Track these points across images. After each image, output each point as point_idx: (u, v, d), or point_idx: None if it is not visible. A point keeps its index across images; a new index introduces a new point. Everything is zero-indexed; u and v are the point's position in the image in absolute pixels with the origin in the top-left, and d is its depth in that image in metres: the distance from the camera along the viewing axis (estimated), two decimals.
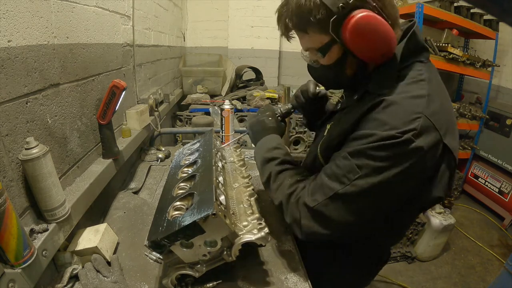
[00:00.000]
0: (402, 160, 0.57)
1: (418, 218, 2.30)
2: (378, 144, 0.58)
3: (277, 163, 0.81)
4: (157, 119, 1.70)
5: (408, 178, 0.60)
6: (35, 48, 0.71)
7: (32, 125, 0.70)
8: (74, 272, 0.74)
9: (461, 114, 3.04)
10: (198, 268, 0.69)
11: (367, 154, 0.59)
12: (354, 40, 0.61)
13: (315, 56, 0.72)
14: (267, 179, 0.81)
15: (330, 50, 0.66)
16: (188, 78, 2.85)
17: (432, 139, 0.58)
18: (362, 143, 0.61)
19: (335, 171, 0.65)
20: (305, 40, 0.70)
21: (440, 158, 0.61)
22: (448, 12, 2.79)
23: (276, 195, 0.76)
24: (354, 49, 0.63)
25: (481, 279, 2.27)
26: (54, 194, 0.67)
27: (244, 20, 3.24)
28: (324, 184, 0.66)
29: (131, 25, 1.45)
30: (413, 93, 0.61)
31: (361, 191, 0.60)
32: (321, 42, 0.66)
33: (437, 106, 0.60)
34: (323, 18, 0.61)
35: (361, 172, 0.60)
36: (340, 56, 0.67)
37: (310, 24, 0.64)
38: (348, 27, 0.59)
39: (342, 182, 0.63)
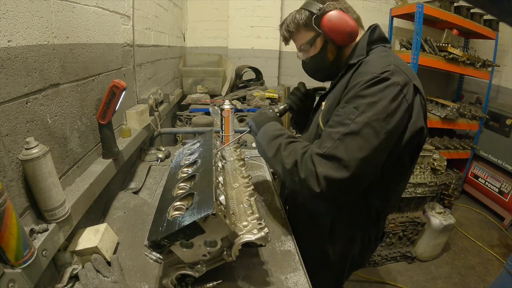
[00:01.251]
0: (387, 92, 0.73)
1: (418, 218, 2.30)
2: (365, 85, 0.74)
3: (286, 137, 0.90)
4: (157, 119, 1.70)
5: (395, 106, 0.73)
6: (35, 48, 0.71)
7: (32, 125, 0.70)
8: (74, 272, 0.74)
9: (461, 114, 3.04)
10: (198, 268, 0.69)
11: (359, 96, 0.75)
12: (329, 28, 0.87)
13: (306, 52, 0.98)
14: (276, 150, 0.87)
15: (315, 41, 0.94)
16: (188, 78, 2.85)
17: (403, 78, 0.75)
18: (353, 91, 0.77)
19: (336, 119, 0.78)
20: (298, 38, 0.98)
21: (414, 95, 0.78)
22: (448, 12, 2.79)
23: (288, 160, 0.81)
24: (330, 34, 0.88)
25: (481, 279, 2.28)
26: (54, 194, 0.67)
27: (244, 20, 3.24)
28: (330, 133, 0.76)
29: (131, 25, 1.45)
30: (383, 55, 0.84)
31: (363, 125, 0.72)
32: (309, 36, 0.95)
33: (401, 62, 0.81)
34: (309, 19, 0.92)
35: (358, 110, 0.73)
36: (322, 45, 0.94)
37: (301, 25, 0.95)
38: (325, 20, 0.87)
39: (345, 124, 0.74)
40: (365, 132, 0.71)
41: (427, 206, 2.39)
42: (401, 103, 0.73)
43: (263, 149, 0.93)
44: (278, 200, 1.17)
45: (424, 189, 2.28)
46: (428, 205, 2.39)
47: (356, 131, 0.72)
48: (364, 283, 2.18)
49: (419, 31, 2.65)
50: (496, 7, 0.31)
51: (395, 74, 0.74)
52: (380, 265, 2.34)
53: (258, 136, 0.99)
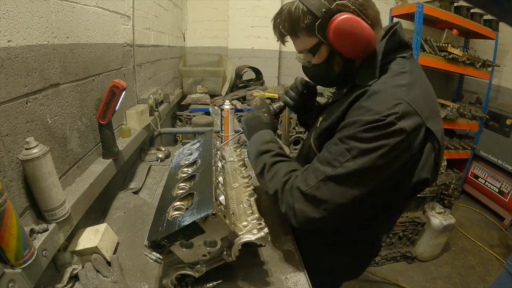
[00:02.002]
0: (387, 141, 0.62)
1: (418, 219, 2.30)
2: (364, 127, 0.63)
3: (272, 155, 0.83)
4: (157, 119, 1.70)
5: (394, 158, 0.64)
6: (35, 48, 0.71)
7: (32, 125, 0.70)
8: (74, 272, 0.74)
9: (461, 114, 3.03)
10: (198, 268, 0.69)
11: (354, 138, 0.65)
12: (337, 40, 0.69)
13: (307, 57, 0.81)
14: (261, 170, 0.82)
15: (319, 50, 0.76)
16: (188, 78, 2.85)
17: (413, 122, 0.63)
18: (350, 129, 0.66)
19: (326, 156, 0.70)
20: (297, 43, 0.80)
21: (424, 141, 0.67)
22: (448, 12, 2.79)
23: (271, 184, 0.78)
24: (338, 47, 0.72)
25: (481, 279, 2.27)
26: (54, 194, 0.67)
27: (244, 20, 3.24)
28: (316, 169, 0.70)
29: (131, 25, 1.45)
30: (395, 83, 0.68)
31: (350, 172, 0.65)
32: (310, 44, 0.75)
33: (418, 93, 0.67)
34: (310, 23, 0.71)
35: (350, 154, 0.65)
36: (327, 55, 0.76)
37: (300, 29, 0.74)
38: (331, 29, 0.68)
39: (333, 165, 0.67)
40: (352, 179, 0.65)
41: (427, 206, 2.39)
42: (403, 152, 0.64)
43: (251, 162, 0.89)
44: None
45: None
46: (428, 205, 2.39)
47: (342, 176, 0.66)
48: (365, 282, 2.18)
49: (419, 31, 2.64)
50: (496, 7, 0.31)
51: (405, 117, 0.62)
52: (380, 265, 2.34)
53: (249, 144, 0.93)
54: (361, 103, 0.68)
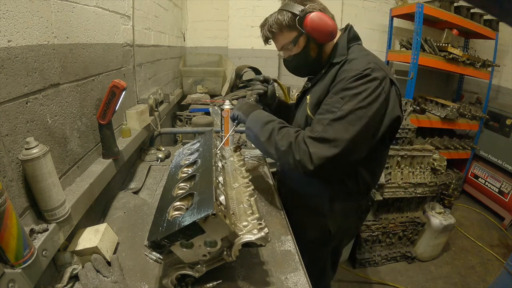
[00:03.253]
0: (368, 85, 0.84)
1: (418, 219, 2.30)
2: (350, 79, 0.86)
3: (278, 122, 0.98)
4: (157, 119, 1.70)
5: (376, 98, 0.84)
6: (35, 48, 0.71)
7: (32, 125, 0.70)
8: (74, 272, 0.74)
9: (461, 114, 3.04)
10: (198, 268, 0.69)
11: (344, 88, 0.86)
12: (312, 27, 0.94)
13: (288, 51, 1.04)
14: (269, 135, 0.95)
15: (298, 40, 1.00)
16: (188, 78, 2.85)
17: (381, 74, 0.87)
18: (339, 85, 0.88)
19: (325, 108, 0.89)
20: (280, 39, 1.03)
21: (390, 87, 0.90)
22: (448, 12, 2.79)
23: (282, 142, 0.91)
24: (313, 33, 0.95)
25: (481, 279, 2.28)
26: (54, 194, 0.67)
27: (244, 20, 3.24)
28: (319, 119, 0.88)
29: (131, 25, 1.45)
30: (362, 54, 0.96)
31: (348, 112, 0.83)
32: (291, 37, 1.00)
33: (378, 60, 0.93)
34: (291, 20, 0.97)
35: (343, 100, 0.85)
36: (305, 44, 1.00)
37: (284, 26, 0.99)
38: (308, 21, 0.93)
39: (333, 111, 0.86)
40: (350, 117, 0.83)
41: (427, 206, 2.39)
42: (380, 94, 0.85)
43: (255, 134, 1.00)
44: (278, 200, 1.17)
45: (424, 189, 2.28)
46: (428, 205, 2.39)
47: (342, 116, 0.84)
48: (364, 284, 2.18)
49: (419, 31, 2.65)
50: (496, 7, 0.31)
51: (375, 71, 0.86)
52: (380, 265, 2.34)
53: (248, 123, 1.04)
54: (344, 68, 0.93)
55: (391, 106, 0.90)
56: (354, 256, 2.29)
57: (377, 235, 2.27)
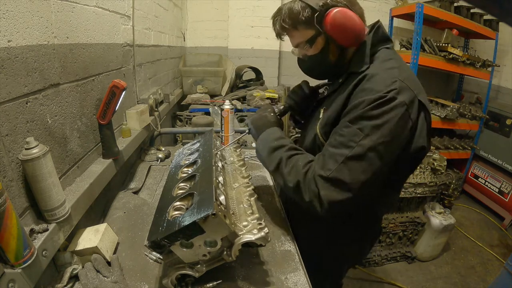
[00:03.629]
0: (393, 113, 0.70)
1: (418, 219, 2.30)
2: (371, 106, 0.70)
3: (286, 150, 0.86)
4: (157, 119, 1.70)
5: (401, 129, 0.72)
6: (35, 48, 0.71)
7: (32, 125, 0.70)
8: (74, 272, 0.74)
9: (461, 114, 3.03)
10: (198, 268, 0.69)
11: (364, 117, 0.71)
12: (333, 28, 0.77)
13: (303, 50, 0.88)
14: (277, 165, 0.84)
15: (316, 40, 0.83)
16: (188, 78, 2.84)
17: (409, 96, 0.72)
18: (357, 110, 0.73)
19: (340, 140, 0.74)
20: (295, 37, 0.87)
21: (418, 112, 0.75)
22: (448, 12, 2.79)
23: (290, 178, 0.80)
24: (334, 35, 0.79)
25: (481, 279, 2.27)
26: (54, 194, 0.67)
27: (244, 20, 3.24)
28: (333, 154, 0.74)
29: (131, 25, 1.45)
30: (387, 66, 0.78)
31: (368, 149, 0.70)
32: (308, 35, 0.83)
33: (406, 74, 0.76)
34: (308, 16, 0.79)
35: (363, 133, 0.71)
36: (324, 45, 0.84)
37: (300, 22, 0.81)
38: (328, 19, 0.76)
39: (349, 146, 0.72)
40: (370, 156, 0.71)
41: (427, 206, 2.39)
42: (406, 124, 0.72)
43: (263, 159, 0.91)
44: (278, 200, 1.17)
45: (424, 189, 2.28)
46: (428, 205, 2.39)
47: (360, 154, 0.71)
48: (365, 282, 2.18)
49: (419, 31, 2.65)
50: (496, 7, 0.31)
51: (402, 92, 0.71)
52: (380, 265, 2.34)
53: (257, 144, 0.95)
54: (363, 86, 0.76)
55: (417, 136, 0.76)
56: None
57: None
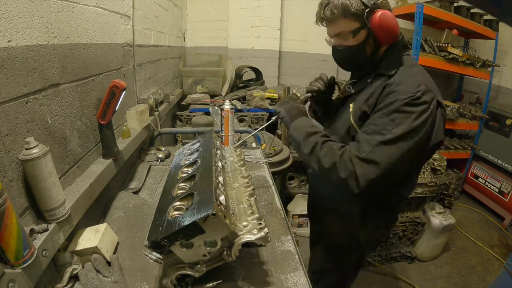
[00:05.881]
0: (419, 108, 0.84)
1: (418, 219, 2.30)
2: (403, 102, 0.85)
3: (321, 135, 0.97)
4: (157, 119, 1.70)
5: (424, 121, 0.85)
6: (35, 48, 0.71)
7: (32, 125, 0.70)
8: (74, 272, 0.74)
9: (461, 114, 3.03)
10: (198, 268, 0.69)
11: (396, 110, 0.86)
12: (379, 25, 0.90)
13: (343, 39, 0.98)
14: (312, 148, 0.94)
15: (360, 32, 0.94)
16: (188, 78, 2.85)
17: (431, 96, 0.87)
18: (391, 106, 0.87)
19: (374, 128, 0.88)
20: (340, 25, 0.95)
21: (437, 109, 0.89)
22: (448, 12, 2.78)
23: (326, 159, 0.90)
24: (377, 31, 0.91)
25: (481, 279, 2.27)
26: (54, 194, 0.67)
27: (244, 20, 3.24)
28: (367, 139, 0.88)
29: (131, 25, 1.45)
30: (412, 72, 0.93)
31: (398, 136, 0.84)
32: (354, 27, 0.94)
33: (426, 78, 0.92)
34: (360, 9, 0.90)
35: (395, 123, 0.85)
36: (365, 38, 0.95)
37: (350, 13, 0.91)
38: (377, 16, 0.89)
39: (383, 133, 0.86)
40: (399, 142, 0.84)
41: (427, 206, 2.39)
42: (428, 118, 0.86)
43: (298, 144, 1.00)
44: (278, 200, 1.17)
45: (424, 189, 2.28)
46: (428, 205, 2.39)
47: (392, 140, 0.84)
48: (367, 276, 2.18)
49: (419, 31, 2.64)
50: (496, 7, 0.31)
51: (426, 93, 0.86)
52: (380, 265, 2.34)
53: (291, 130, 1.04)
54: (393, 88, 0.89)
55: (435, 131, 0.89)
56: None
57: None
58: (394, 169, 0.86)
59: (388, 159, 0.84)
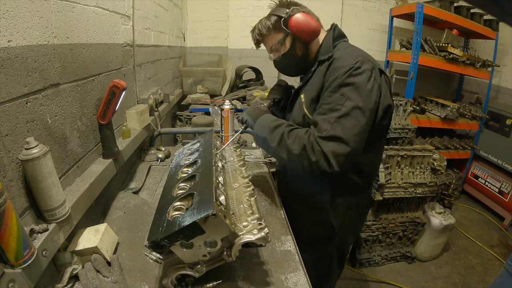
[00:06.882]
0: (362, 78, 0.89)
1: (418, 219, 2.30)
2: (345, 75, 0.90)
3: (286, 126, 0.99)
4: (157, 119, 1.70)
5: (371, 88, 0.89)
6: (35, 48, 0.71)
7: (32, 125, 0.70)
8: (74, 272, 0.74)
9: (461, 114, 3.03)
10: (198, 268, 0.69)
11: (342, 84, 0.90)
12: (296, 28, 1.00)
13: (276, 53, 1.11)
14: (280, 139, 0.96)
15: (285, 40, 1.07)
16: (188, 78, 2.85)
17: (370, 65, 0.92)
18: (335, 82, 0.91)
19: (327, 107, 0.91)
20: (269, 41, 1.10)
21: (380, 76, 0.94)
22: (448, 12, 2.79)
23: (295, 146, 0.92)
24: (297, 33, 1.02)
25: (481, 279, 2.27)
26: (54, 194, 0.67)
27: (244, 20, 3.24)
28: (325, 119, 0.89)
29: (131, 25, 1.45)
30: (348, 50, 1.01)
31: (352, 107, 0.87)
32: (278, 38, 1.07)
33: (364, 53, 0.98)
34: (277, 22, 1.04)
35: (345, 97, 0.88)
36: (291, 43, 1.07)
37: (271, 28, 1.06)
38: (292, 21, 1.00)
39: (337, 109, 0.88)
40: (355, 112, 0.87)
41: (427, 206, 2.39)
42: (374, 84, 0.90)
43: (264, 139, 1.01)
44: (278, 200, 1.17)
45: (424, 189, 2.28)
46: (428, 205, 2.39)
47: (347, 113, 0.87)
48: (364, 282, 2.18)
49: (419, 31, 2.65)
50: (496, 7, 0.31)
51: (364, 63, 0.91)
52: (380, 265, 2.34)
53: (255, 129, 1.07)
54: (333, 65, 0.96)
55: (383, 95, 0.94)
56: (354, 256, 2.29)
57: (377, 235, 2.27)
58: (359, 139, 0.87)
59: (350, 132, 0.86)
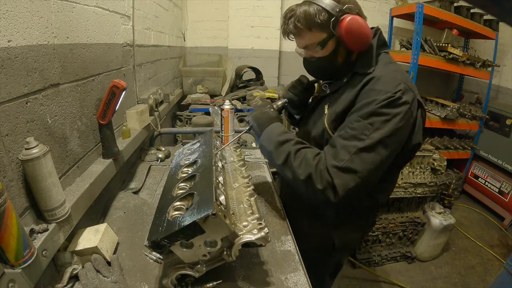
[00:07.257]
0: (399, 110, 0.79)
1: (418, 219, 2.30)
2: (381, 104, 0.79)
3: (293, 143, 0.90)
4: (157, 119, 1.70)
5: (405, 124, 0.81)
6: (35, 48, 0.71)
7: (32, 125, 0.70)
8: (74, 272, 0.74)
9: (461, 114, 3.03)
10: (198, 268, 0.69)
11: (375, 113, 0.79)
12: (347, 33, 0.84)
13: (310, 52, 0.94)
14: (285, 159, 0.87)
15: (328, 43, 0.89)
16: (188, 78, 2.85)
17: (411, 96, 0.82)
18: (368, 107, 0.80)
19: (351, 133, 0.81)
20: (307, 38, 0.90)
21: (417, 110, 0.85)
22: (448, 12, 2.79)
23: (300, 170, 0.84)
24: (346, 40, 0.86)
25: (481, 279, 2.28)
26: (54, 194, 0.67)
27: (244, 20, 3.24)
28: (344, 146, 0.81)
29: (131, 25, 1.45)
30: (391, 69, 0.88)
31: (377, 141, 0.78)
32: (321, 37, 0.88)
33: (406, 77, 0.87)
34: (324, 19, 0.85)
35: (373, 127, 0.78)
36: (334, 48, 0.90)
37: (315, 24, 0.86)
38: (343, 24, 0.83)
39: (361, 139, 0.79)
40: (378, 147, 0.79)
41: (427, 206, 2.39)
42: (409, 120, 0.81)
43: (270, 154, 0.93)
44: (278, 200, 1.17)
45: (424, 189, 2.28)
46: (428, 205, 2.39)
47: (371, 146, 0.78)
48: (364, 282, 2.18)
49: (419, 31, 2.65)
50: (496, 7, 0.31)
51: (406, 93, 0.80)
52: (380, 265, 2.34)
53: (262, 140, 0.97)
54: (371, 86, 0.84)
55: (415, 132, 0.85)
56: (354, 256, 2.29)
57: (377, 235, 2.27)
58: (374, 173, 0.81)
59: (367, 167, 0.78)
